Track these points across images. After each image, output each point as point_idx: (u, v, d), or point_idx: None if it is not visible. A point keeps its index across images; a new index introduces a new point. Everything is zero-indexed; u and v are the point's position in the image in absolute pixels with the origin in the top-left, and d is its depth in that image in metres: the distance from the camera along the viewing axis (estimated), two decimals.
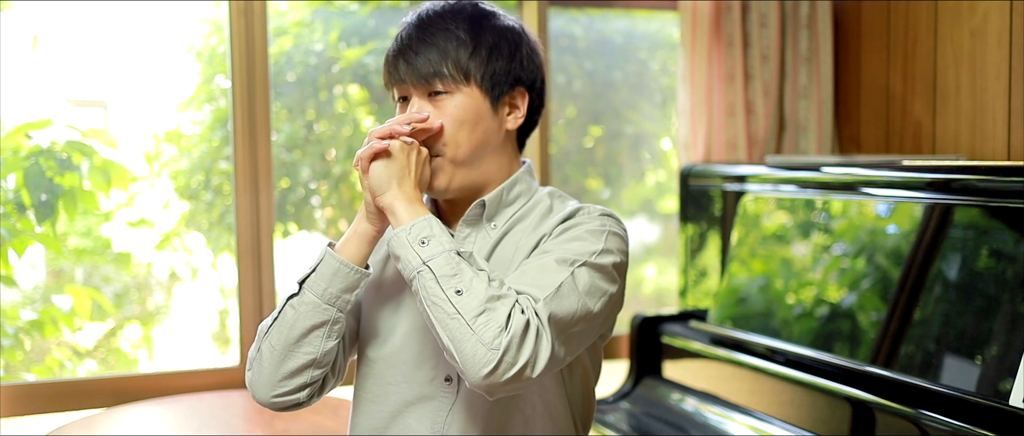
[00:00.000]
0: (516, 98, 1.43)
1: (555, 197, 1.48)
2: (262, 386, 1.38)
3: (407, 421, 1.41)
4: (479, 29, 1.39)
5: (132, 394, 2.39)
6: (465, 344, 1.21)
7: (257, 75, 2.46)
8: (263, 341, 1.38)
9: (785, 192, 2.31)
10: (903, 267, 1.91)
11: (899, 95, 2.69)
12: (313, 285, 1.35)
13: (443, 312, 1.23)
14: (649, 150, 3.18)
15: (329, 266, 1.35)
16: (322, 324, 1.35)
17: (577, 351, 1.35)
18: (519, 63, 1.42)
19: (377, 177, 1.32)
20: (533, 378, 1.23)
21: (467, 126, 1.38)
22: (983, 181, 1.79)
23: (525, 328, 1.22)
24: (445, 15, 1.40)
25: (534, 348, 1.22)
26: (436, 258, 1.25)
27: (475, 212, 1.42)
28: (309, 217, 2.84)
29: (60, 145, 2.45)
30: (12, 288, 2.48)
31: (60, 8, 2.49)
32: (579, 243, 1.34)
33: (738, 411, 2.16)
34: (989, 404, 1.62)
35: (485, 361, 1.20)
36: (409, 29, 1.40)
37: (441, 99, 1.38)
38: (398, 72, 1.39)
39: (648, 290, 3.25)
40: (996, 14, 2.40)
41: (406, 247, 1.28)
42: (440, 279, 1.24)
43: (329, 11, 2.78)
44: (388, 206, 1.32)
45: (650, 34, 3.08)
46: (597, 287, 1.32)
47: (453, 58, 1.37)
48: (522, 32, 1.44)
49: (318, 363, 1.37)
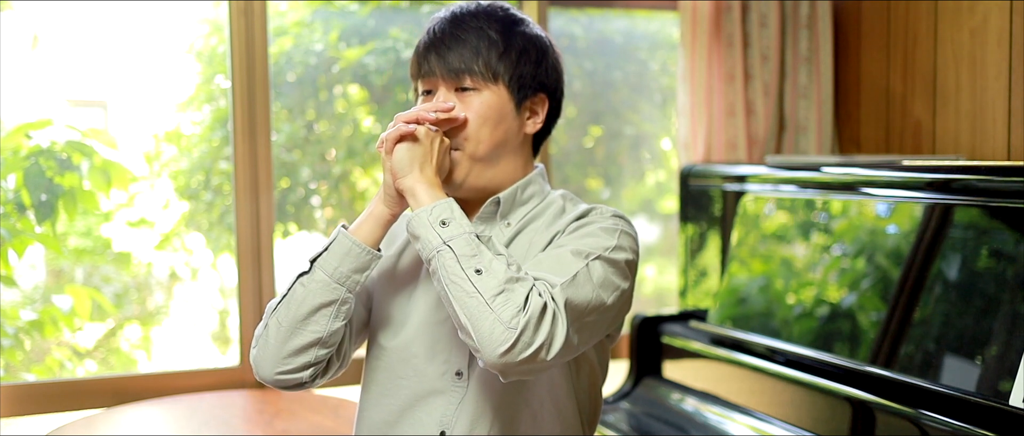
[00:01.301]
0: (537, 104, 1.46)
1: (567, 199, 1.51)
2: (266, 362, 1.39)
3: (417, 415, 1.42)
4: (511, 32, 1.43)
5: (132, 394, 2.39)
6: (483, 322, 1.23)
7: (257, 75, 2.46)
8: (270, 318, 1.39)
9: (785, 192, 2.31)
10: (903, 267, 1.91)
11: (899, 95, 2.69)
12: (324, 264, 1.36)
13: (462, 290, 1.25)
14: (649, 150, 3.18)
15: (342, 245, 1.36)
16: (330, 303, 1.36)
17: (589, 342, 1.37)
18: (545, 70, 1.46)
19: (400, 160, 1.34)
20: (547, 361, 1.25)
21: (490, 124, 1.41)
22: (983, 181, 1.79)
23: (542, 310, 1.24)
24: (479, 15, 1.44)
25: (550, 330, 1.24)
26: (456, 238, 1.28)
27: (490, 209, 1.45)
28: (309, 217, 2.84)
29: (60, 145, 2.45)
30: (12, 288, 2.48)
31: (60, 8, 2.49)
32: (593, 238, 1.37)
33: (738, 411, 2.16)
34: (989, 404, 1.62)
35: (502, 340, 1.22)
36: (442, 24, 1.43)
37: (468, 95, 1.41)
38: (429, 64, 1.42)
39: (648, 290, 3.24)
40: (996, 14, 2.40)
41: (426, 227, 1.29)
42: (460, 258, 1.26)
43: (329, 11, 2.78)
44: (409, 188, 1.33)
45: (650, 34, 3.08)
46: (610, 281, 1.35)
47: (484, 57, 1.40)
48: (549, 42, 1.49)
49: (324, 342, 1.38)
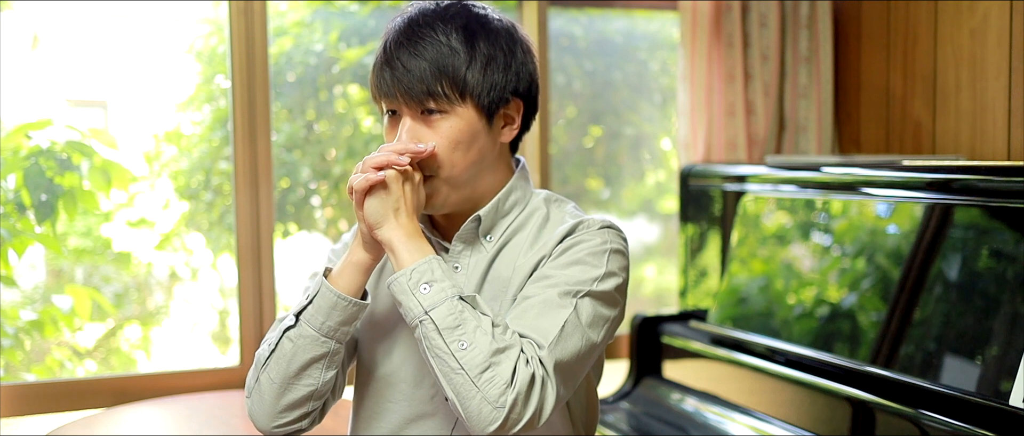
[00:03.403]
0: (512, 110, 1.37)
1: (551, 203, 1.43)
2: (263, 417, 1.35)
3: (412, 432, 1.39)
4: (473, 37, 1.32)
5: (132, 394, 2.39)
6: (470, 401, 1.19)
7: (257, 75, 2.46)
8: (261, 372, 1.34)
9: (785, 192, 2.31)
10: (903, 267, 1.91)
11: (899, 95, 2.69)
12: (311, 318, 1.30)
13: (446, 366, 1.20)
14: (649, 150, 3.18)
15: (326, 299, 1.30)
16: (322, 357, 1.31)
17: (580, 380, 1.33)
18: (515, 73, 1.35)
19: (373, 211, 1.27)
20: (541, 423, 1.22)
21: (462, 147, 1.32)
22: (983, 181, 1.79)
23: (531, 383, 1.20)
24: (434, 21, 1.32)
25: (540, 399, 1.21)
26: (438, 307, 1.21)
27: (470, 227, 1.38)
28: (309, 217, 2.84)
29: (60, 145, 2.45)
30: (12, 288, 2.48)
31: (60, 8, 2.48)
32: (580, 268, 1.30)
33: (738, 411, 2.16)
34: (989, 404, 1.62)
35: (491, 419, 1.18)
36: (397, 37, 1.32)
37: (435, 119, 1.31)
38: (387, 85, 1.31)
39: (648, 290, 3.24)
40: (996, 14, 2.40)
41: (407, 293, 1.23)
42: (442, 331, 1.20)
43: (329, 11, 2.78)
44: (387, 241, 1.27)
45: (650, 34, 3.08)
46: (600, 315, 1.30)
47: (448, 75, 1.29)
48: (514, 32, 1.37)
49: (318, 394, 1.34)
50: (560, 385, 1.24)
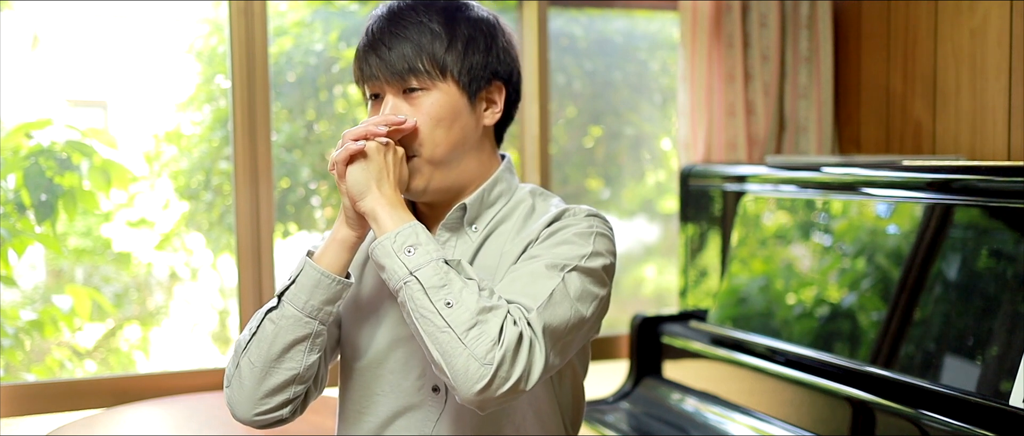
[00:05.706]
0: (493, 93, 1.38)
1: (537, 196, 1.43)
2: (242, 404, 1.33)
3: (396, 430, 1.38)
4: (454, 21, 1.34)
5: (132, 394, 2.39)
6: (456, 359, 1.17)
7: (257, 75, 2.46)
8: (241, 357, 1.32)
9: (785, 192, 2.31)
10: (903, 267, 1.91)
11: (899, 95, 2.69)
12: (293, 298, 1.30)
13: (432, 325, 1.19)
14: (649, 150, 3.18)
15: (309, 277, 1.29)
16: (304, 338, 1.30)
17: (569, 356, 1.31)
18: (496, 56, 1.37)
19: (355, 181, 1.27)
20: (528, 390, 1.20)
21: (445, 124, 1.33)
22: (983, 181, 1.79)
23: (519, 341, 1.18)
24: (417, 7, 1.34)
25: (528, 360, 1.19)
26: (423, 268, 1.21)
27: (456, 216, 1.38)
28: (309, 217, 2.84)
29: (60, 145, 2.45)
30: (12, 288, 2.48)
31: (60, 8, 2.48)
32: (568, 247, 1.30)
33: (738, 411, 2.16)
34: (989, 404, 1.62)
35: (478, 377, 1.16)
36: (380, 22, 1.34)
37: (416, 96, 1.32)
38: (370, 68, 1.33)
39: (648, 290, 3.24)
40: (996, 14, 2.40)
41: (391, 256, 1.22)
42: (428, 290, 1.19)
43: (329, 11, 2.78)
44: (370, 211, 1.26)
45: (650, 34, 3.08)
46: (588, 291, 1.29)
47: (428, 52, 1.31)
48: (496, 23, 1.39)
49: (301, 378, 1.32)
50: (549, 350, 1.22)
